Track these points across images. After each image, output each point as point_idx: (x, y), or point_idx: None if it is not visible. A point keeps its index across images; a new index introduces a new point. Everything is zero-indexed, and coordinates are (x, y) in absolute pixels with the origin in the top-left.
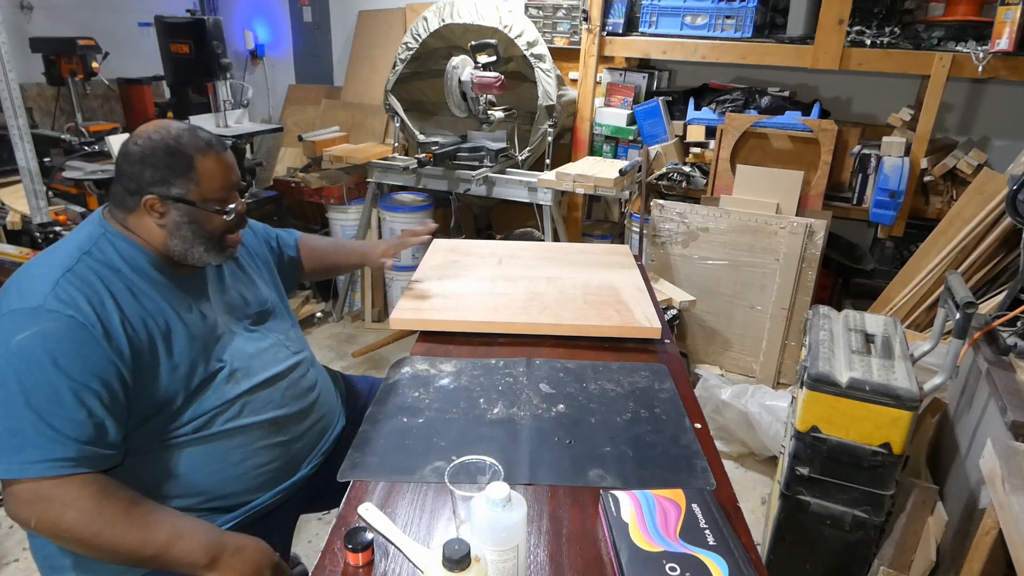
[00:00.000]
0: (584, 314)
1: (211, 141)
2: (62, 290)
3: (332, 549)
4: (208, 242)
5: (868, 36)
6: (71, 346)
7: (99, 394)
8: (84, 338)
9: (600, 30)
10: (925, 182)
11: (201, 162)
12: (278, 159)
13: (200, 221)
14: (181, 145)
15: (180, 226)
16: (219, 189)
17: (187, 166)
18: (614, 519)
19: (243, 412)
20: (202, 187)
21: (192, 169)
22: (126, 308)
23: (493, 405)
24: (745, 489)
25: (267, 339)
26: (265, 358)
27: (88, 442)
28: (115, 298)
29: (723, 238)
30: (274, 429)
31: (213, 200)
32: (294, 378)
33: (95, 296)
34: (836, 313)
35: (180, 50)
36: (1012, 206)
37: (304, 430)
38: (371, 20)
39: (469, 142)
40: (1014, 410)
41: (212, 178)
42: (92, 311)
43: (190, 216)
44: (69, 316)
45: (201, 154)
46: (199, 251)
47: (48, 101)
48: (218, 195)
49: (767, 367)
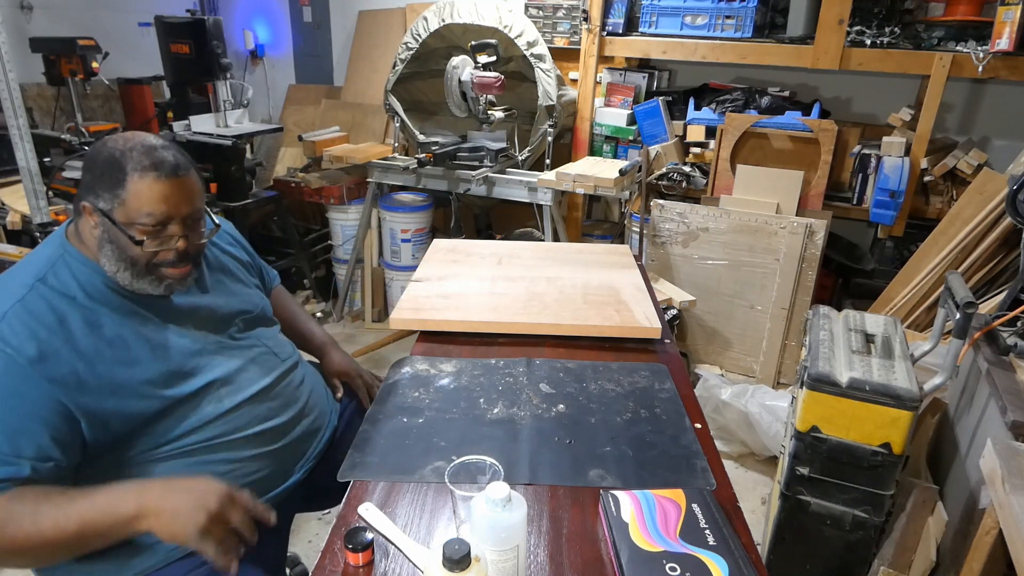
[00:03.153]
0: (584, 314)
1: (160, 161)
2: (7, 325)
3: (332, 549)
4: (133, 268)
5: (868, 36)
6: (11, 382)
7: (37, 434)
8: (24, 375)
9: (600, 30)
10: (925, 182)
11: (134, 181)
12: (278, 159)
13: (118, 243)
14: (124, 159)
15: (103, 243)
16: (147, 215)
17: (117, 181)
18: (614, 519)
19: (229, 428)
20: (127, 207)
21: (121, 186)
22: (80, 340)
23: (493, 405)
24: (745, 489)
25: (254, 349)
26: (252, 371)
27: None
28: (68, 327)
29: (723, 238)
30: (262, 440)
31: (138, 225)
32: (284, 386)
33: (44, 330)
34: (836, 313)
35: (180, 50)
36: (1012, 206)
37: (295, 437)
38: (371, 20)
39: (469, 142)
40: (1014, 410)
41: (141, 201)
42: (36, 348)
43: (112, 235)
44: (8, 355)
45: (138, 174)
46: (126, 276)
47: (48, 101)
48: (144, 220)
49: (767, 367)
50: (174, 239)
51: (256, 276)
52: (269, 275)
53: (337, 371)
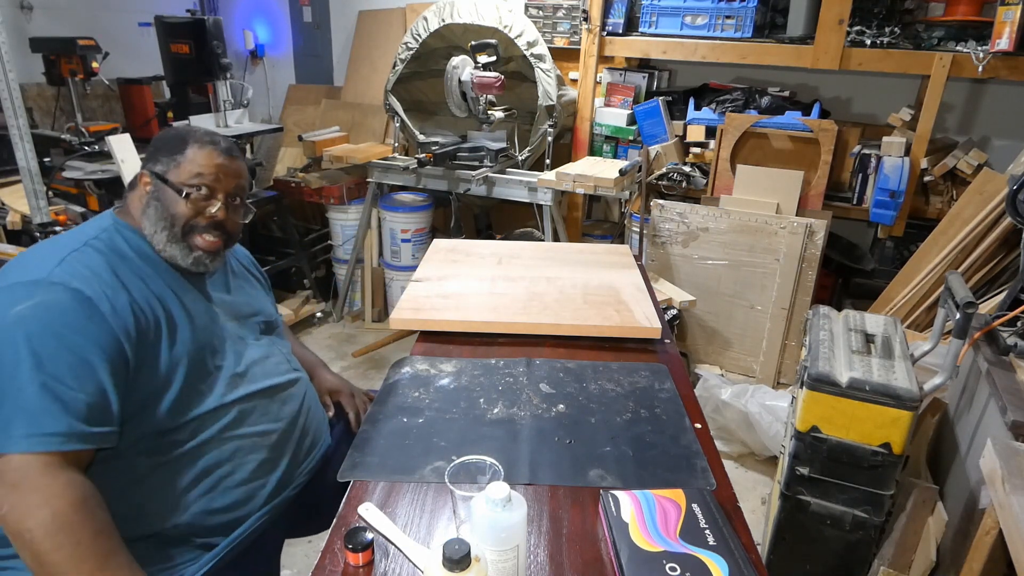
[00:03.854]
0: (584, 314)
1: (217, 139)
2: (68, 265)
3: (332, 549)
4: (171, 229)
5: (868, 36)
6: (74, 317)
7: (100, 368)
8: (89, 311)
9: (600, 30)
10: (925, 182)
11: (193, 149)
12: (278, 159)
13: (165, 200)
14: (187, 134)
15: (150, 202)
16: (198, 177)
17: (177, 148)
18: (614, 519)
19: (235, 419)
20: (181, 169)
21: (181, 152)
22: (132, 288)
23: (493, 405)
24: (745, 489)
25: (271, 349)
26: (267, 366)
27: (83, 419)
28: (120, 279)
29: (723, 238)
30: (265, 443)
31: (187, 186)
32: (291, 393)
33: (101, 274)
34: (836, 313)
35: (180, 50)
36: (1012, 206)
37: (294, 447)
38: (371, 20)
39: (469, 142)
40: (1014, 410)
41: (195, 166)
42: (98, 285)
43: (159, 193)
44: (74, 289)
45: (197, 144)
46: (162, 238)
47: (48, 101)
48: (194, 182)
49: (767, 367)
50: (215, 207)
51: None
52: None
53: (329, 388)
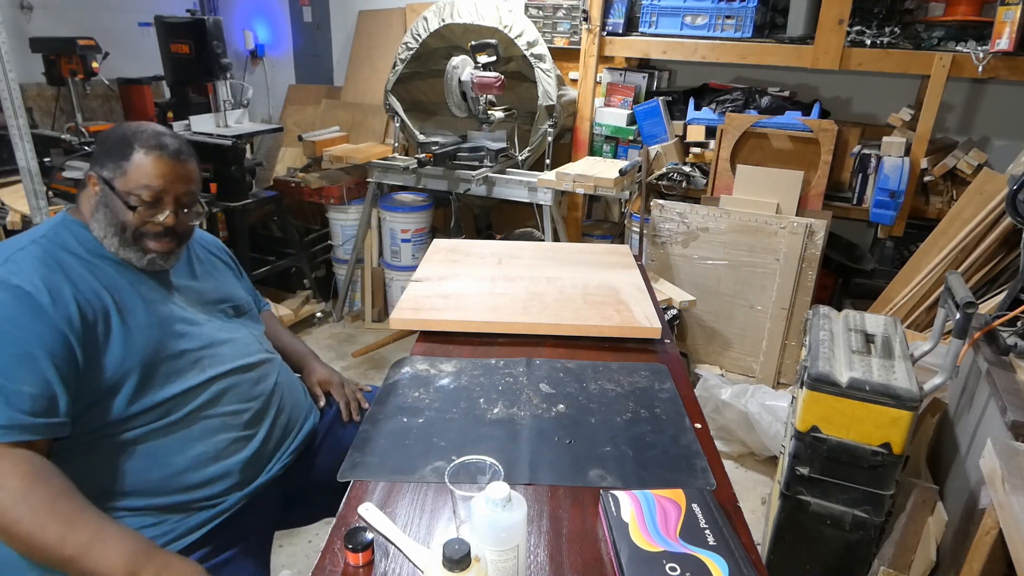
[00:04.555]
0: (584, 314)
1: (165, 142)
2: (11, 264)
3: (332, 549)
4: (121, 235)
5: (868, 36)
6: (14, 313)
7: (44, 362)
8: (29, 306)
9: (600, 30)
10: (925, 182)
11: (139, 155)
12: (278, 159)
13: (112, 207)
14: (134, 137)
15: (99, 206)
16: (144, 188)
17: (123, 153)
18: (614, 519)
19: (207, 400)
20: (128, 177)
21: (126, 158)
22: (78, 281)
23: (493, 405)
24: (745, 489)
25: (240, 331)
26: (237, 347)
27: (29, 412)
28: (65, 272)
29: (723, 238)
30: (237, 422)
31: (134, 194)
32: (263, 372)
33: (44, 268)
34: (836, 313)
35: (180, 50)
36: (1012, 206)
37: (268, 426)
38: (371, 20)
39: (469, 142)
40: (1014, 410)
41: (141, 174)
42: (40, 281)
43: (107, 199)
44: (14, 286)
45: (144, 149)
46: (113, 242)
47: (48, 101)
48: (141, 192)
49: (767, 367)
50: (164, 214)
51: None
52: (259, 301)
53: (319, 379)
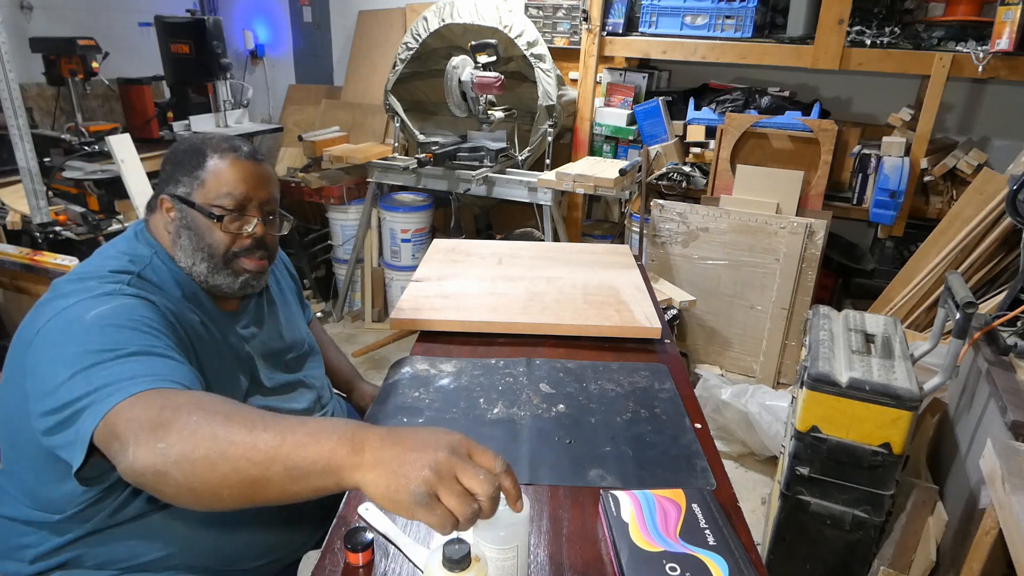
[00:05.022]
0: (584, 314)
1: (237, 144)
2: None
3: (332, 549)
4: (211, 259)
5: (868, 36)
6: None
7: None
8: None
9: (600, 30)
10: (925, 182)
11: (213, 161)
12: (278, 159)
13: (198, 228)
14: (204, 145)
15: (180, 231)
16: (227, 195)
17: (197, 164)
18: (614, 519)
19: None
20: (206, 187)
21: (201, 167)
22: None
23: (493, 405)
24: (745, 489)
25: (303, 399)
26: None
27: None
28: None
29: (723, 238)
30: None
31: (217, 206)
32: None
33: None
34: (836, 313)
35: (180, 50)
36: (1012, 206)
37: None
38: (371, 20)
39: (469, 142)
40: (1014, 410)
41: (221, 181)
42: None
43: (189, 220)
44: (142, 298)
45: (218, 155)
46: (202, 269)
47: (48, 101)
48: (224, 201)
49: (767, 367)
50: (251, 224)
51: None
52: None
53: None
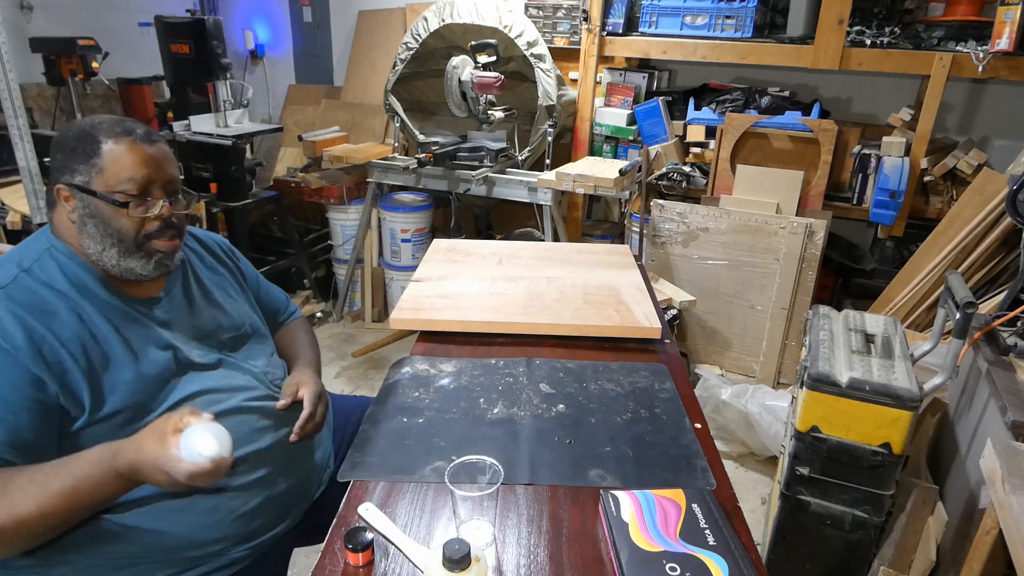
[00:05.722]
0: (584, 314)
1: (131, 129)
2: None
3: (332, 549)
4: (121, 244)
5: (868, 36)
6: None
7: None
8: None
9: (600, 30)
10: (925, 182)
11: (110, 147)
12: (278, 159)
13: (104, 216)
14: (95, 130)
15: (86, 221)
16: (129, 180)
17: (92, 151)
18: (614, 519)
19: None
20: (106, 174)
21: (97, 154)
22: (66, 328)
23: (493, 405)
24: (745, 489)
25: (242, 375)
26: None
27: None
28: (53, 318)
29: (723, 238)
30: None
31: (120, 192)
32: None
33: (29, 317)
34: (836, 313)
35: (180, 50)
36: (1012, 206)
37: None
38: (371, 20)
39: (469, 142)
40: (1014, 410)
41: (120, 166)
42: (23, 334)
43: (93, 209)
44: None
45: (113, 139)
46: (113, 255)
47: (48, 101)
48: (126, 187)
49: (767, 367)
50: (158, 206)
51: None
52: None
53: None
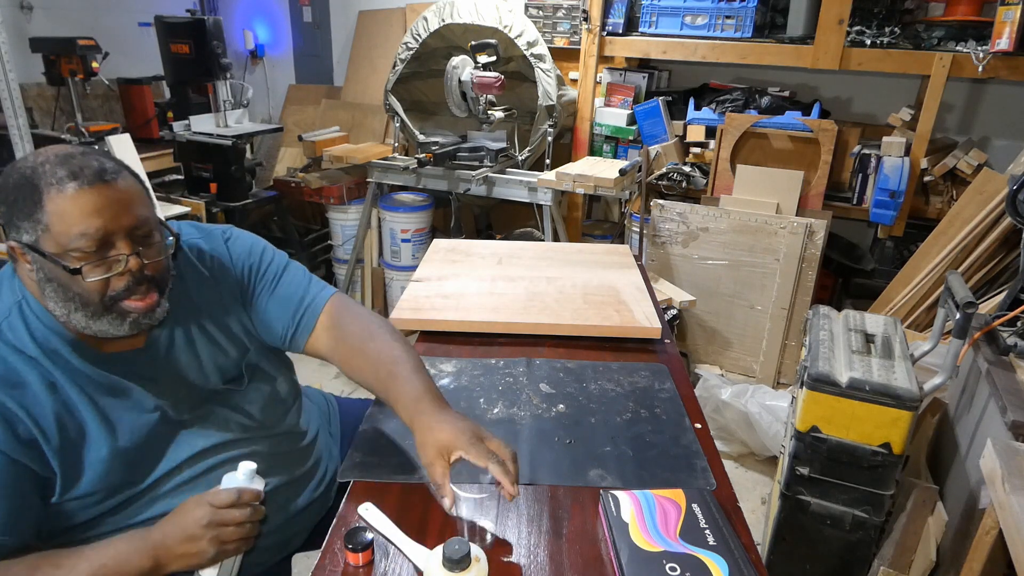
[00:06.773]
0: (584, 314)
1: (76, 170)
2: None
3: (332, 549)
4: (86, 307)
5: (868, 36)
6: None
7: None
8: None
9: (600, 30)
10: (925, 182)
11: (52, 200)
12: (278, 159)
13: (60, 280)
14: (35, 175)
15: (43, 285)
16: (80, 236)
17: (34, 204)
18: (614, 519)
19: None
20: (54, 232)
21: (39, 208)
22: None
23: (493, 405)
24: (745, 489)
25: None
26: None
27: None
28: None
29: (723, 238)
30: None
31: (74, 251)
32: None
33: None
34: (836, 313)
35: (180, 50)
36: (1012, 206)
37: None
38: (371, 20)
39: (469, 142)
40: (1014, 410)
41: (68, 222)
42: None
43: (48, 271)
44: None
45: (55, 187)
46: (80, 319)
47: (48, 101)
48: (79, 244)
49: (767, 367)
50: (123, 260)
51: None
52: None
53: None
